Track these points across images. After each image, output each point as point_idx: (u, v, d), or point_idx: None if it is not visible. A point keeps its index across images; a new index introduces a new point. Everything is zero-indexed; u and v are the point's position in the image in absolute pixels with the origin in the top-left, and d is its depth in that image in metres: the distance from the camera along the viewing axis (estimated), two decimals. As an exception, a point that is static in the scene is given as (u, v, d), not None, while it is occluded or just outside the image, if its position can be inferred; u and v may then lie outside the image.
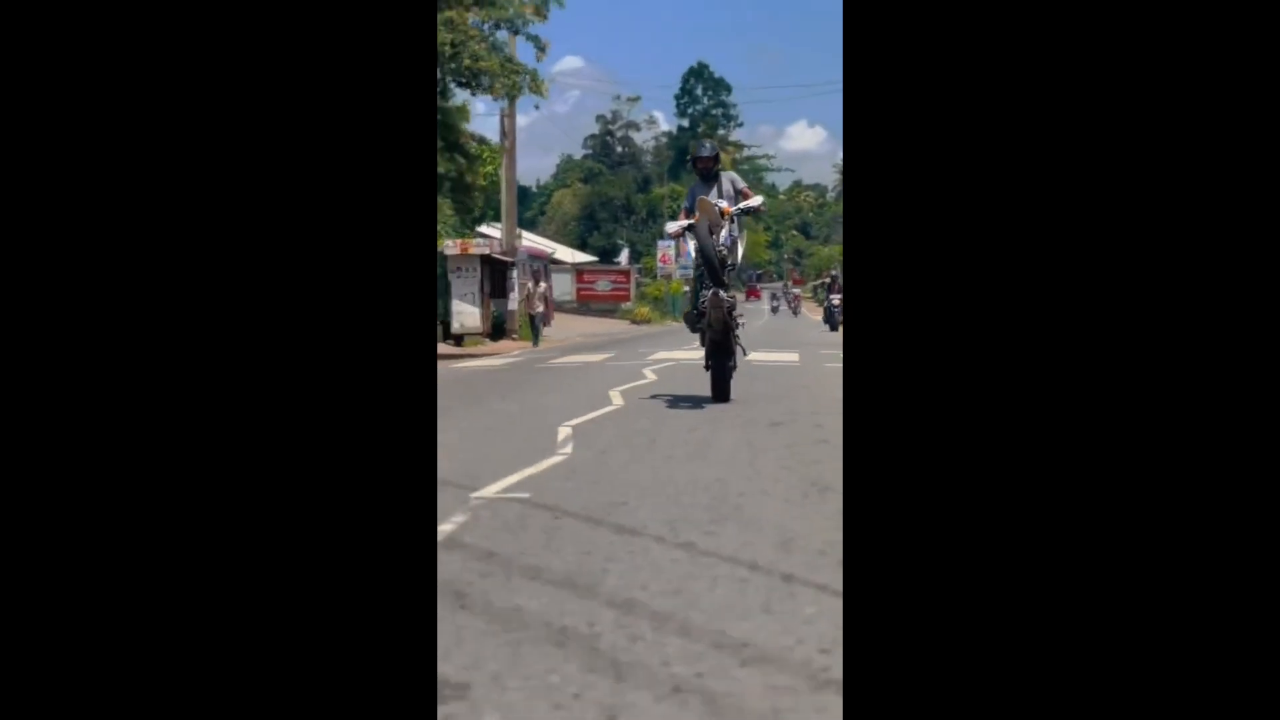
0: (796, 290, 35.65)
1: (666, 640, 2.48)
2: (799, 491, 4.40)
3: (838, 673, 2.23)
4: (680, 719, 2.04)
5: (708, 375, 7.92)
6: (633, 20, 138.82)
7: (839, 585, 2.88)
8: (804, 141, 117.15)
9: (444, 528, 3.70)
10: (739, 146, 60.97)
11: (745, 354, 8.32)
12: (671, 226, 8.05)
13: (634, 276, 39.65)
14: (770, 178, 76.26)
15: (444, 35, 13.69)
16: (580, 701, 2.12)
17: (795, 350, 15.84)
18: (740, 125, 69.36)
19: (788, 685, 2.21)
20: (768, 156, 76.24)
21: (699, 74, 68.62)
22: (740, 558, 3.29)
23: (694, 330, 7.93)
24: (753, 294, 53.44)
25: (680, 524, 3.77)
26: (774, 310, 30.38)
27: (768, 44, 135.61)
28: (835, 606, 2.71)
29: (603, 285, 38.36)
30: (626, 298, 37.75)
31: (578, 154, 65.47)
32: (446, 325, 21.87)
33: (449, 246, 22.00)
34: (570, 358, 15.63)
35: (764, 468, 5.02)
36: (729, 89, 67.69)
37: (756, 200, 7.80)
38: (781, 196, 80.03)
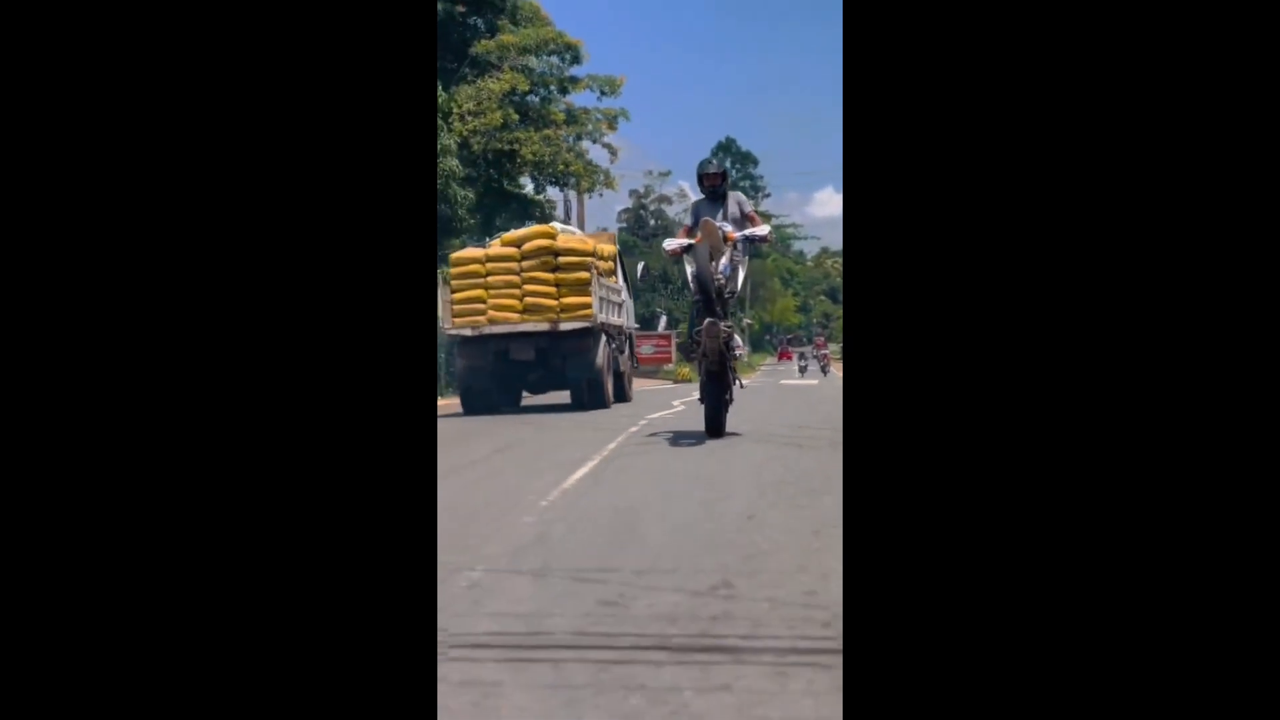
0: (825, 351, 38.49)
1: (750, 432, 6.72)
2: (804, 415, 9.03)
3: (809, 441, 6.33)
4: (757, 445, 6.14)
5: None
6: (660, 97, 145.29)
7: (818, 427, 7.30)
8: (831, 207, 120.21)
9: (634, 427, 8.25)
10: (768, 217, 63.29)
11: (743, 386, 7.92)
12: (670, 244, 7.43)
13: (674, 340, 41.77)
14: (798, 245, 79.37)
15: (543, 149, 18.28)
16: (703, 448, 6.27)
17: (815, 379, 22.90)
18: (768, 196, 72.04)
19: (792, 426, 6.37)
20: (795, 226, 79.52)
21: (727, 148, 70.21)
22: (780, 422, 7.71)
23: (690, 359, 7.62)
24: (785, 356, 56.27)
25: (748, 423, 8.04)
26: (802, 370, 33.54)
27: (794, 113, 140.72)
28: (815, 432, 6.88)
29: (646, 349, 40.08)
30: (669, 359, 39.54)
31: (612, 227, 67.70)
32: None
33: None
34: (647, 387, 20.79)
35: (786, 409, 10.05)
36: (756, 161, 69.57)
37: (763, 229, 7.46)
38: (809, 263, 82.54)
